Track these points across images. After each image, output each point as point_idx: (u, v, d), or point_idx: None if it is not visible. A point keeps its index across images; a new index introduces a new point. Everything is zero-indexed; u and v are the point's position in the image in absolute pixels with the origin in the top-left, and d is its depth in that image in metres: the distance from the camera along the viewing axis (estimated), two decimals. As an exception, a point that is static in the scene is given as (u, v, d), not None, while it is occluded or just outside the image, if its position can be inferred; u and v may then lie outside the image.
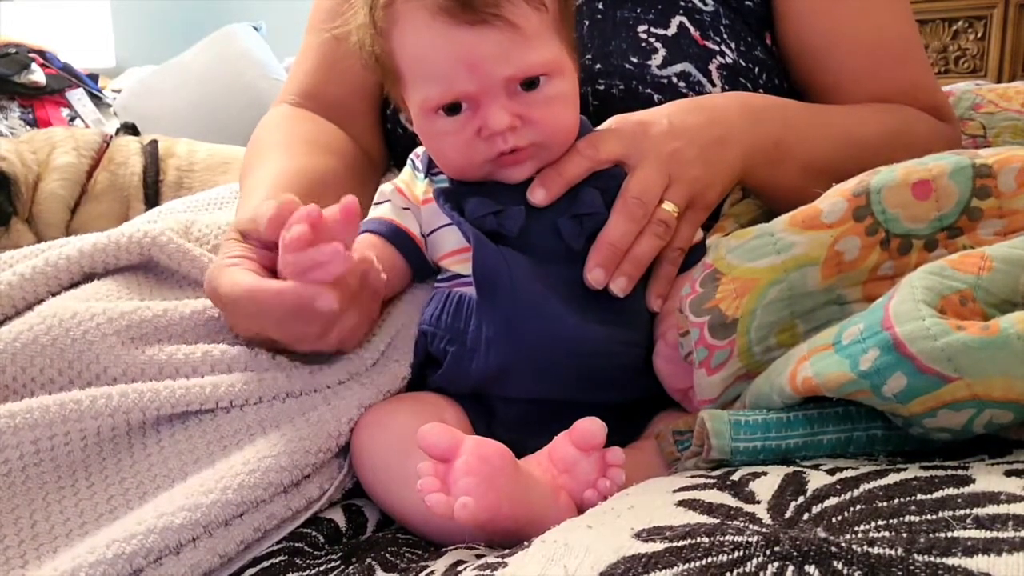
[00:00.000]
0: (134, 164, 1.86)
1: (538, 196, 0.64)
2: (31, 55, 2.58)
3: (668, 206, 0.65)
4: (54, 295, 0.71)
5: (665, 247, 0.66)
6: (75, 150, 1.84)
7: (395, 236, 0.69)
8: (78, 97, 2.60)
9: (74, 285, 0.73)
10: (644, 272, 0.65)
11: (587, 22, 0.83)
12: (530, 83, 0.62)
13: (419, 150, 0.72)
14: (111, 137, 1.94)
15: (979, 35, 2.35)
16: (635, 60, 0.82)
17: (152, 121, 2.44)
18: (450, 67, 0.61)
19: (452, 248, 0.67)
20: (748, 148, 0.71)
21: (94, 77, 2.82)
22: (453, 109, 0.63)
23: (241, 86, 2.52)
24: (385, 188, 0.72)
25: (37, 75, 2.54)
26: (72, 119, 2.54)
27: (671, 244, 0.66)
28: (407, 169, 0.72)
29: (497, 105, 0.62)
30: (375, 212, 0.71)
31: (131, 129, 2.31)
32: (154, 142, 1.91)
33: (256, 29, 2.82)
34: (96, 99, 2.67)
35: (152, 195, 1.83)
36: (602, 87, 0.81)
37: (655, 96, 0.81)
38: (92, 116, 2.58)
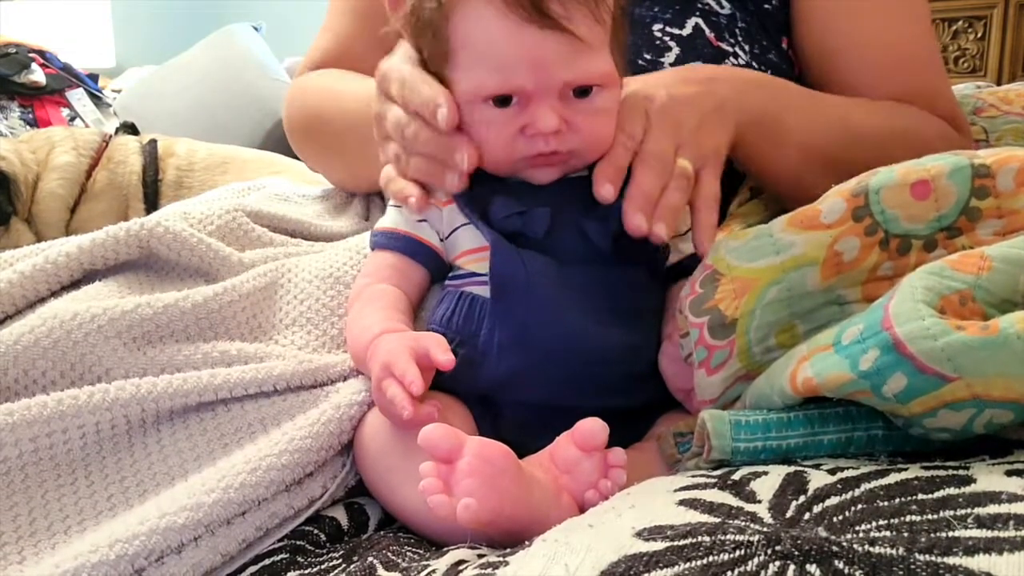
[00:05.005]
0: (133, 163, 1.86)
1: (608, 192, 0.63)
2: (31, 55, 2.58)
3: (683, 162, 0.65)
4: (54, 293, 0.71)
5: (697, 198, 0.65)
6: (74, 150, 1.84)
7: (415, 251, 0.68)
8: (78, 97, 2.60)
9: (75, 282, 0.73)
10: (675, 223, 0.64)
11: None
12: (583, 91, 0.62)
13: None
14: (110, 136, 1.94)
15: (979, 35, 2.36)
16: (648, 57, 0.82)
17: (152, 121, 2.43)
18: (514, 62, 0.60)
19: (470, 247, 0.66)
20: (741, 113, 0.71)
21: (94, 77, 2.81)
22: (503, 101, 0.62)
23: (241, 86, 2.51)
24: None
25: (37, 75, 2.54)
26: (72, 119, 2.54)
27: (701, 195, 0.65)
28: None
29: (548, 106, 0.61)
30: (392, 216, 0.70)
31: (131, 129, 2.31)
32: (153, 141, 1.91)
33: (256, 29, 2.82)
34: (96, 99, 2.67)
35: (151, 194, 1.84)
36: None
37: None
38: (92, 116, 2.58)
